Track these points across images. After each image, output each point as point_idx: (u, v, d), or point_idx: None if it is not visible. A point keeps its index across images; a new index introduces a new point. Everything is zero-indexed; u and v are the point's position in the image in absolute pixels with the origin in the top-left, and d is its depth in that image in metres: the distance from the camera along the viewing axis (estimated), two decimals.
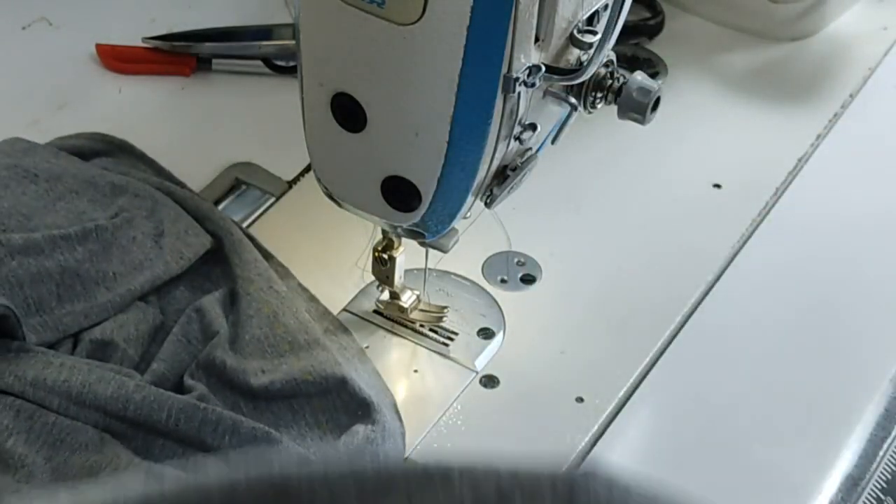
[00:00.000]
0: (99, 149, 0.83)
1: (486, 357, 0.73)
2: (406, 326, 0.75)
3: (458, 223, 0.66)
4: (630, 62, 0.93)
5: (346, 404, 0.67)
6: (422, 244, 0.69)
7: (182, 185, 0.80)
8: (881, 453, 0.70)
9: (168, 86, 0.92)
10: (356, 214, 0.68)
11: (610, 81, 0.63)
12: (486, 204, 0.65)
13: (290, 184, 0.84)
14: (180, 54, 0.93)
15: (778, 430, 0.70)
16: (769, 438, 0.69)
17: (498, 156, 0.62)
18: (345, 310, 0.76)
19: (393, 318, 0.75)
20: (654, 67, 0.93)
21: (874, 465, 0.69)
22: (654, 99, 0.63)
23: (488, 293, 0.77)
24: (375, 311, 0.75)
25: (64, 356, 0.67)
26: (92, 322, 0.70)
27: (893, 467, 0.69)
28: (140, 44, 0.93)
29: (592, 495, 0.36)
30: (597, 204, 0.84)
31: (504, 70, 0.57)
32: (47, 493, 0.59)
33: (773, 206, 0.84)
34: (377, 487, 0.36)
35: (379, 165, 0.63)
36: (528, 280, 0.78)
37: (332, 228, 0.79)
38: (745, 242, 0.81)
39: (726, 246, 0.81)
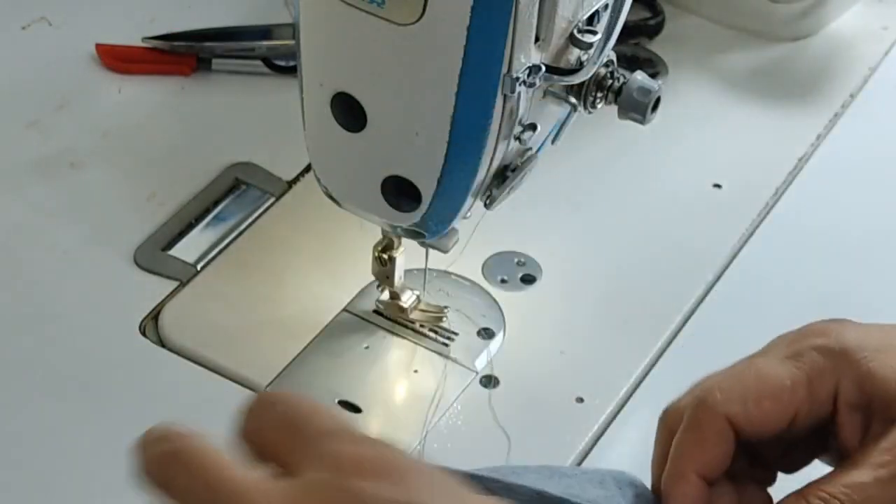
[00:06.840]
0: None
1: (486, 357, 0.73)
2: (406, 327, 0.75)
3: (457, 223, 0.66)
4: (630, 62, 0.92)
5: None
6: (422, 244, 0.69)
7: None
8: None
9: (168, 86, 0.92)
10: (356, 214, 0.68)
11: (610, 81, 0.63)
12: (485, 204, 0.65)
13: (290, 184, 0.84)
14: (180, 54, 0.92)
15: None
16: None
17: (498, 156, 0.62)
18: (345, 310, 0.75)
19: (393, 318, 0.75)
20: (654, 67, 0.93)
21: None
22: (655, 99, 0.63)
23: (488, 293, 0.77)
24: (375, 312, 0.75)
25: None
26: None
27: None
28: (140, 44, 0.93)
29: None
30: (597, 204, 0.84)
31: (504, 70, 0.57)
32: None
33: (773, 206, 0.84)
34: None
35: (379, 165, 0.63)
36: (529, 280, 0.78)
37: (332, 228, 0.79)
38: (745, 242, 0.81)
39: (726, 246, 0.81)
